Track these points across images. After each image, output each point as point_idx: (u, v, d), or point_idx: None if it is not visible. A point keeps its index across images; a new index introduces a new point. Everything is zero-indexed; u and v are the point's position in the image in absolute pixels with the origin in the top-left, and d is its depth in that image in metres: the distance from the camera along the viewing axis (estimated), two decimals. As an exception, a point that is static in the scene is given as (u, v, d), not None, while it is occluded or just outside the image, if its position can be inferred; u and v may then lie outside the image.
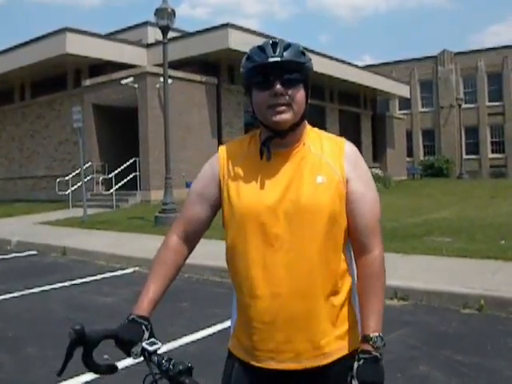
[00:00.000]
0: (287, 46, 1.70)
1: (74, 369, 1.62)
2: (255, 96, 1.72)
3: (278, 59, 1.67)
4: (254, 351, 1.74)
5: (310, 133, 1.83)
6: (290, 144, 1.76)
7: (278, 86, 1.66)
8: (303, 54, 1.73)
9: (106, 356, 3.34)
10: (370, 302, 1.73)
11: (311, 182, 1.71)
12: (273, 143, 1.74)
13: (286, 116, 1.69)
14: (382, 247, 1.81)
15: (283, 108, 1.68)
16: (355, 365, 1.61)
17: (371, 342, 1.65)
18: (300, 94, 1.71)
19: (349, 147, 1.81)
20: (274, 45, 1.70)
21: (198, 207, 1.84)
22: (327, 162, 1.74)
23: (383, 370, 1.64)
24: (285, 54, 1.68)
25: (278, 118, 1.69)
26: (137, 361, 1.65)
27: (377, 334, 1.67)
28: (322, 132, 1.87)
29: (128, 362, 3.34)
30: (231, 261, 1.79)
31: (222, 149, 1.89)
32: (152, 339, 1.63)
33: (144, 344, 1.60)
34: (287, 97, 1.68)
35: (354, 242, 1.78)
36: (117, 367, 1.63)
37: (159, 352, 1.61)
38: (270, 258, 1.67)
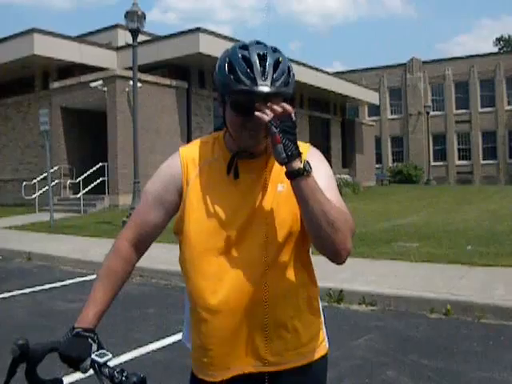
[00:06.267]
0: (276, 66, 1.55)
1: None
2: (230, 111, 1.61)
3: (268, 90, 1.52)
4: (209, 367, 1.69)
5: None
6: (257, 154, 1.69)
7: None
8: (289, 70, 1.59)
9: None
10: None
11: (272, 191, 1.66)
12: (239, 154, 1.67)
13: (258, 141, 1.62)
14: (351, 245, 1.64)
15: (259, 134, 1.59)
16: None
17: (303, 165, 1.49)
18: None
19: (312, 151, 1.75)
20: (263, 60, 1.55)
21: (153, 212, 1.72)
22: None
23: None
24: (275, 79, 1.53)
25: (251, 143, 1.62)
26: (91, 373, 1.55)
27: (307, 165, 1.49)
28: None
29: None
30: (188, 272, 1.71)
31: (184, 151, 1.77)
32: (101, 350, 1.53)
33: (93, 356, 1.50)
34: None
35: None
36: (62, 382, 1.55)
37: (110, 364, 1.51)
38: (231, 271, 1.62)
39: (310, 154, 1.72)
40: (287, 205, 1.65)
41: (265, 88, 1.52)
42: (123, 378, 1.40)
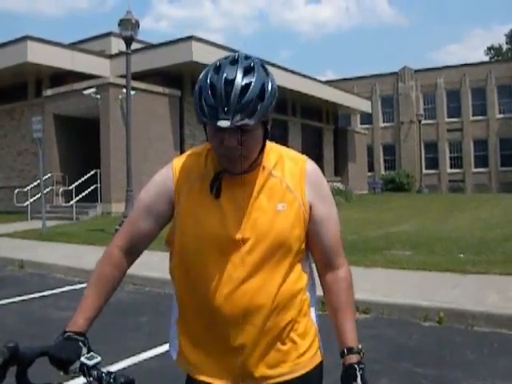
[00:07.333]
0: (243, 93, 1.50)
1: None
2: (208, 135, 1.61)
3: (228, 125, 1.49)
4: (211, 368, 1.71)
5: (270, 153, 1.73)
6: (248, 170, 1.66)
7: (231, 142, 1.54)
8: (263, 94, 1.54)
9: (61, 372, 3.25)
10: (348, 317, 1.73)
11: (271, 210, 1.66)
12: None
13: (238, 166, 1.61)
14: (347, 264, 1.82)
15: (235, 158, 1.58)
16: (358, 380, 1.62)
17: (361, 354, 1.68)
18: (256, 140, 1.60)
19: (310, 168, 1.75)
20: (230, 86, 1.50)
21: (144, 221, 1.73)
22: (288, 186, 1.69)
23: None
24: (237, 111, 1.49)
25: (229, 167, 1.62)
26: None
27: (360, 347, 1.70)
28: (283, 150, 1.79)
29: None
30: (185, 280, 1.73)
31: (178, 163, 1.76)
32: (91, 353, 1.55)
33: (83, 358, 1.52)
34: (241, 148, 1.56)
35: (320, 261, 1.77)
36: None
37: (100, 367, 1.53)
38: (230, 285, 1.63)
39: (309, 178, 1.73)
40: (286, 223, 1.66)
41: (225, 123, 1.49)
42: (111, 380, 1.42)
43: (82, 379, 1.53)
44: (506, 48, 61.09)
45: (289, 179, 1.70)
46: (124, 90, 16.25)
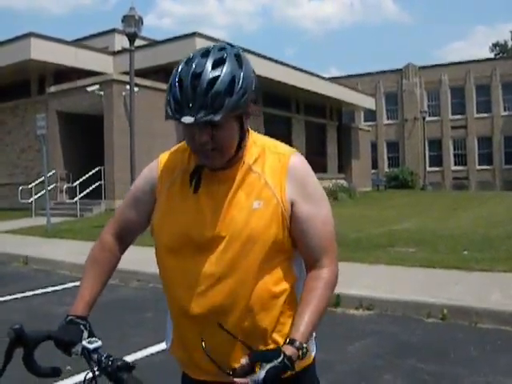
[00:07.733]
0: (209, 87, 1.45)
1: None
2: (182, 130, 1.59)
3: (191, 121, 1.46)
4: (191, 365, 1.74)
5: (253, 147, 1.68)
6: (228, 166, 1.62)
7: (202, 138, 1.51)
8: (231, 89, 1.47)
9: (68, 367, 3.28)
10: (309, 311, 1.58)
11: (247, 208, 1.60)
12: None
13: (214, 161, 1.58)
14: (335, 265, 1.69)
15: (209, 153, 1.55)
16: (275, 363, 1.41)
17: (300, 352, 1.49)
18: (230, 135, 1.55)
19: (294, 163, 1.66)
20: (197, 80, 1.46)
21: (132, 210, 1.80)
22: (266, 183, 1.62)
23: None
24: (201, 107, 1.45)
25: (206, 162, 1.59)
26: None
27: (305, 345, 1.52)
28: (268, 143, 1.72)
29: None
30: (160, 275, 1.82)
31: (163, 157, 1.79)
32: (92, 338, 1.63)
33: (84, 342, 1.60)
34: (212, 142, 1.52)
35: (305, 260, 1.70)
36: (61, 371, 1.61)
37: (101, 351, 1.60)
38: (206, 283, 1.61)
39: (290, 174, 1.65)
40: (261, 222, 1.60)
41: (188, 119, 1.47)
42: (109, 363, 1.49)
43: (84, 375, 1.57)
44: (511, 44, 60.85)
45: (268, 175, 1.64)
46: (127, 87, 16.28)
